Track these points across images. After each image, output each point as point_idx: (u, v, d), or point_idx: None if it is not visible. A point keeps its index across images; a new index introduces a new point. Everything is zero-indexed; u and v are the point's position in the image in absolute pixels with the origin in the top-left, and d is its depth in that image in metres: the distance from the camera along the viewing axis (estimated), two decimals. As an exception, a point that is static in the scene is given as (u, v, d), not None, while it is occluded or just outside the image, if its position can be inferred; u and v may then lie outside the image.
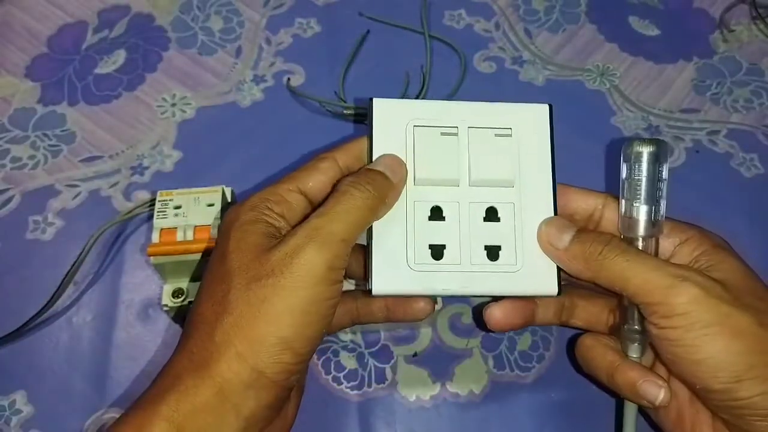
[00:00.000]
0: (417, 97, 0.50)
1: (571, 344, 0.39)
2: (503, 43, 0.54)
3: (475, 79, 0.52)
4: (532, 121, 0.35)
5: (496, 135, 0.35)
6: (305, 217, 0.31)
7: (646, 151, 0.33)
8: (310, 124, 0.49)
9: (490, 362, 0.40)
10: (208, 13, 0.55)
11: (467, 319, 0.41)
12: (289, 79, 0.51)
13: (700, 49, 0.54)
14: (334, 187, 0.32)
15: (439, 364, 0.40)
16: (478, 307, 0.41)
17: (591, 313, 0.36)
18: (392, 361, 0.40)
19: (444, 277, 0.33)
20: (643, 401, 0.32)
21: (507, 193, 0.34)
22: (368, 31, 0.54)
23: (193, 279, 0.38)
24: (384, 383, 0.39)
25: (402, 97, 0.50)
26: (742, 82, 0.52)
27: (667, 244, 0.33)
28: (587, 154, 0.48)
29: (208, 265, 0.31)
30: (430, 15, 0.55)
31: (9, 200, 0.45)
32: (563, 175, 0.45)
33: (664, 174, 0.34)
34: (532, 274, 0.33)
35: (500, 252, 0.33)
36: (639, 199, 0.33)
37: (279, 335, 0.27)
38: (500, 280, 0.33)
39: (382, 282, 0.32)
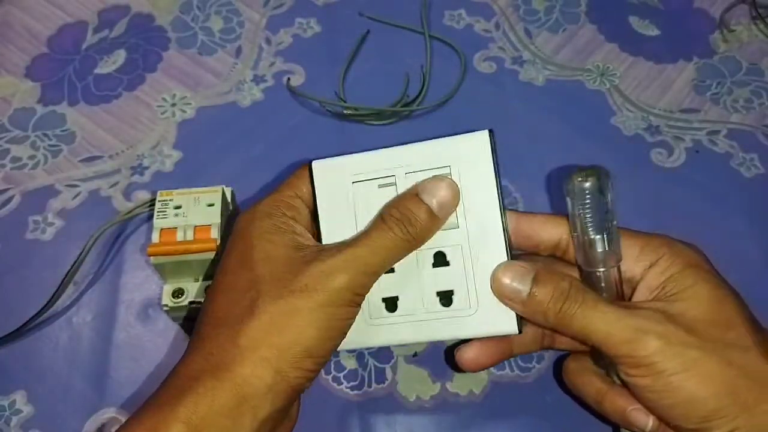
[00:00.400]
0: (417, 97, 0.50)
1: (558, 365, 0.39)
2: (503, 43, 0.54)
3: (475, 79, 0.52)
4: (471, 153, 0.33)
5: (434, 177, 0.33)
6: (312, 221, 0.33)
7: (586, 184, 0.32)
8: (310, 124, 0.49)
9: (490, 362, 0.40)
10: (208, 13, 0.55)
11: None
12: (289, 79, 0.51)
13: (700, 49, 0.54)
14: (381, 213, 0.32)
15: (439, 364, 0.40)
16: (450, 348, 0.40)
17: None
18: (392, 361, 0.40)
19: (401, 328, 0.33)
20: (633, 428, 0.32)
21: (454, 235, 0.32)
22: (368, 31, 0.54)
23: (205, 278, 0.38)
24: (384, 383, 0.39)
25: (402, 97, 0.50)
26: (742, 82, 0.52)
27: (637, 268, 0.33)
28: (587, 154, 0.47)
29: (225, 269, 0.32)
30: (430, 15, 0.55)
31: (9, 200, 0.45)
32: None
33: (610, 204, 0.32)
34: (489, 314, 0.32)
35: (453, 296, 0.32)
36: (589, 232, 0.32)
37: (305, 344, 0.29)
38: (457, 324, 0.32)
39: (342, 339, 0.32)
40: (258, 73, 0.51)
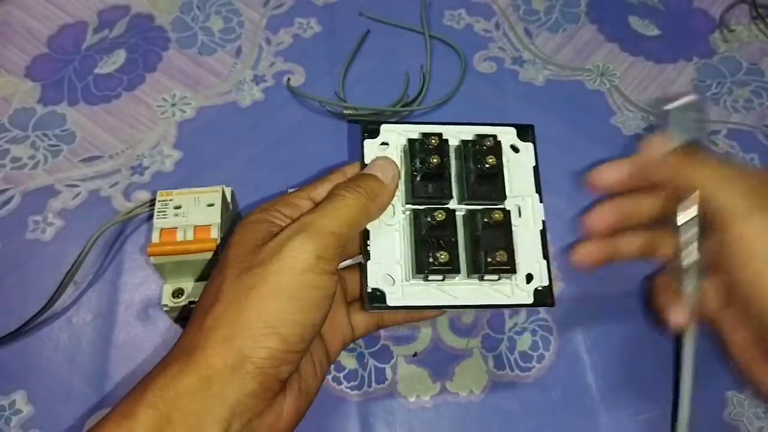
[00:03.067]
0: (417, 97, 0.50)
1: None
2: (503, 43, 0.54)
3: (475, 79, 0.52)
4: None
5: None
6: None
7: (689, 99, 0.34)
8: (310, 124, 0.49)
9: (490, 362, 0.40)
10: (208, 13, 0.55)
11: (467, 319, 0.41)
12: (289, 79, 0.51)
13: (700, 49, 0.54)
14: (329, 193, 0.32)
15: (439, 364, 0.40)
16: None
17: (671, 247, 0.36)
18: (392, 361, 0.40)
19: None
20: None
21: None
22: (368, 31, 0.54)
23: (199, 279, 0.38)
24: (384, 383, 0.39)
25: (402, 97, 0.50)
26: (742, 82, 0.52)
27: None
28: (587, 154, 0.47)
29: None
30: (430, 15, 0.55)
31: (9, 200, 0.45)
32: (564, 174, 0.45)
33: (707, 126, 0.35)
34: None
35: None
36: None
37: (264, 319, 0.28)
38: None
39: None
40: (258, 73, 0.51)
